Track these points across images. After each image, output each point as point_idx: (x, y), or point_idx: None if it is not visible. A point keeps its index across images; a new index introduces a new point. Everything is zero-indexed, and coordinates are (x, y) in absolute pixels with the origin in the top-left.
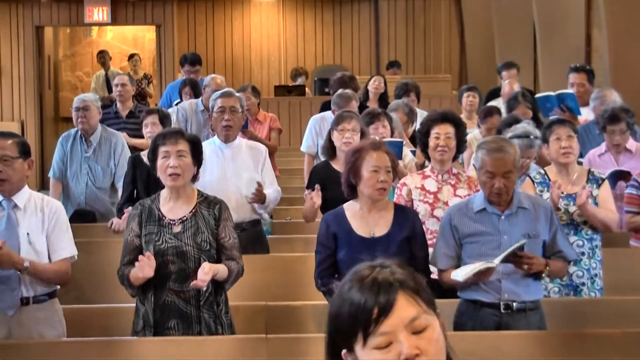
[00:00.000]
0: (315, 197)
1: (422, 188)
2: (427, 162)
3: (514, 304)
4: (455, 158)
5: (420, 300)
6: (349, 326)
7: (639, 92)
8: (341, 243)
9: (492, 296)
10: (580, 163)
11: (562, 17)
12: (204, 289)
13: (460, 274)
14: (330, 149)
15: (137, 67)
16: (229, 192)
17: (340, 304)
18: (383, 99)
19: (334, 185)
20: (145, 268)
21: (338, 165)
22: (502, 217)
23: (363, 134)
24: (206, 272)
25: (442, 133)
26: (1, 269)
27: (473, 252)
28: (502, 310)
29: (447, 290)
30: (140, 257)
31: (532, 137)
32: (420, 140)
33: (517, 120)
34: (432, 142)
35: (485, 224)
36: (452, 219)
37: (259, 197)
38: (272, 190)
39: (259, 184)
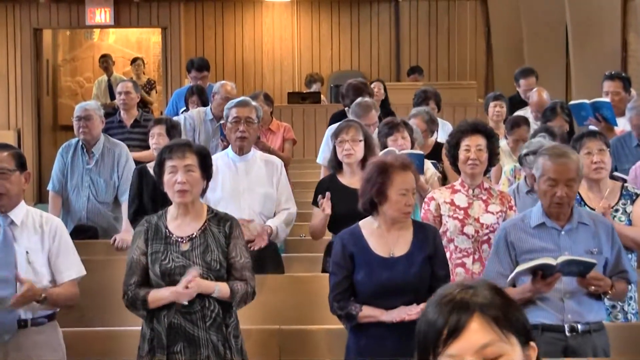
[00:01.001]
0: (326, 206)
1: (452, 203)
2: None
3: (579, 325)
4: (487, 172)
5: (500, 327)
6: (423, 344)
7: None
8: (359, 264)
9: (555, 317)
10: (613, 178)
11: (596, 20)
12: (210, 307)
13: (516, 269)
14: (335, 161)
15: (139, 72)
16: (241, 208)
17: (420, 320)
18: (384, 107)
19: (341, 200)
20: (183, 296)
21: (345, 179)
22: (563, 233)
23: (367, 142)
24: (191, 286)
25: (472, 145)
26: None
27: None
28: (567, 334)
29: None
30: (183, 282)
31: None
32: (449, 152)
33: (550, 132)
34: (462, 155)
35: (545, 240)
36: (508, 234)
37: (261, 237)
38: (280, 220)
39: (258, 226)
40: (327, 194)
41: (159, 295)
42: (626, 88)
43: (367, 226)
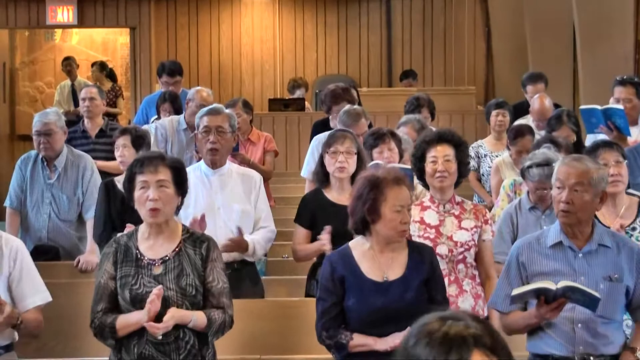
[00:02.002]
0: (326, 243)
1: (422, 221)
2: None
3: (591, 358)
4: (457, 183)
5: (496, 356)
6: None
7: None
8: (350, 288)
9: (565, 349)
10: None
11: (607, 20)
12: (185, 338)
13: (513, 292)
14: (322, 174)
15: (101, 78)
16: (217, 227)
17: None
18: None
19: (327, 218)
20: (158, 330)
21: (332, 195)
22: (580, 255)
23: (360, 156)
24: (167, 319)
25: (439, 156)
26: None
27: None
28: None
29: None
30: (153, 295)
31: (554, 165)
32: (415, 165)
33: (555, 143)
34: (428, 168)
35: (560, 261)
36: (520, 254)
37: (237, 245)
38: (259, 236)
39: (240, 230)
40: (328, 228)
41: (128, 322)
42: (639, 94)
43: (358, 247)
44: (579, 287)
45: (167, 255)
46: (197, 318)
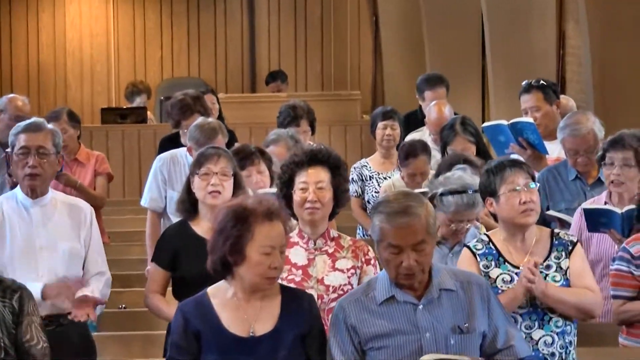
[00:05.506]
0: None
1: (287, 261)
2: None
3: None
4: (333, 215)
5: None
6: None
7: (635, 111)
8: (207, 346)
9: None
10: (544, 221)
11: (523, 8)
12: None
13: None
14: (189, 203)
15: None
16: (38, 272)
17: None
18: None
19: (193, 257)
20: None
21: (200, 228)
22: (420, 307)
23: (237, 179)
24: None
25: (310, 182)
26: None
27: None
28: None
29: None
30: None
31: (471, 191)
32: (280, 192)
33: (470, 163)
34: (297, 196)
35: (397, 320)
36: (347, 316)
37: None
38: (98, 289)
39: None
40: None
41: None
42: (549, 99)
43: (219, 294)
44: (440, 356)
45: None
46: None
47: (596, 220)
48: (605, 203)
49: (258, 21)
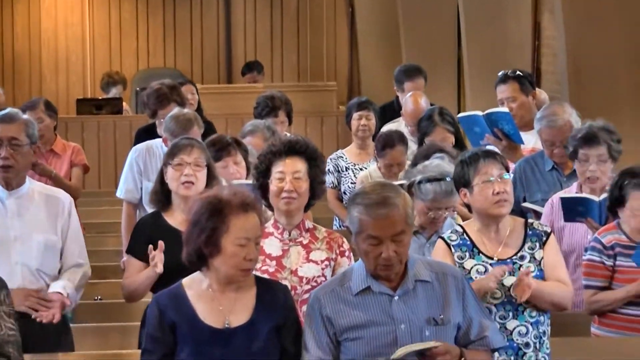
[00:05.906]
0: (158, 261)
1: (261, 252)
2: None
3: None
4: (308, 206)
5: None
6: None
7: (609, 102)
8: (182, 337)
9: None
10: (520, 212)
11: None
12: None
13: None
14: (162, 194)
15: None
16: (12, 263)
17: None
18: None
19: (168, 248)
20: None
21: (174, 219)
22: (396, 298)
23: (210, 170)
24: None
25: (287, 172)
26: None
27: (359, 353)
28: None
29: None
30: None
31: (449, 178)
32: (257, 181)
33: (443, 152)
34: (273, 185)
35: (372, 311)
36: (323, 307)
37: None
38: (72, 284)
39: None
40: (160, 243)
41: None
42: (525, 90)
43: (194, 286)
44: (413, 349)
45: None
46: None
47: (573, 209)
48: (577, 193)
49: (234, 12)
